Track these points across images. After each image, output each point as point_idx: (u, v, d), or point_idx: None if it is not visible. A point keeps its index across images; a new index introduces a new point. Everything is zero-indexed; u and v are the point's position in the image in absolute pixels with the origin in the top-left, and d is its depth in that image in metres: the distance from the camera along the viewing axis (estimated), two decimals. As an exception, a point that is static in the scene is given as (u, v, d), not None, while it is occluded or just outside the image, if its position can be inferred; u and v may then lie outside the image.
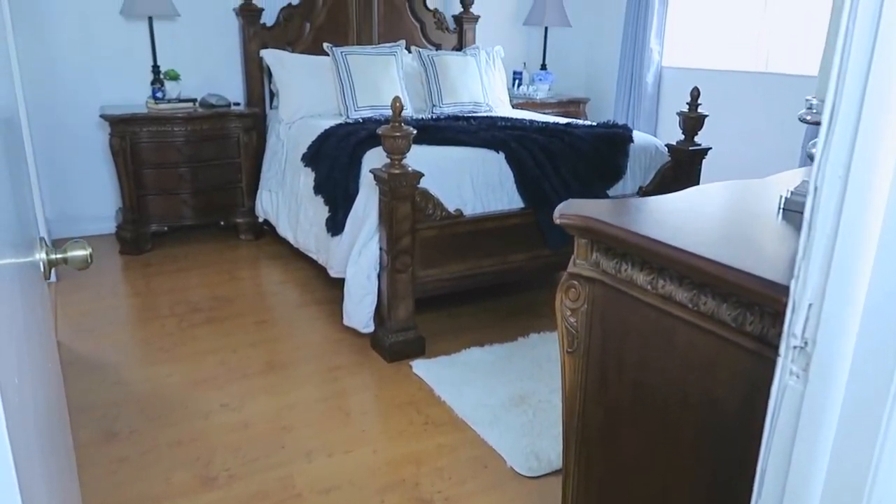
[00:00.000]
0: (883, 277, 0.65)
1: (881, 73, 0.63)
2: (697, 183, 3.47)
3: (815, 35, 4.04)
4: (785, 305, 0.92)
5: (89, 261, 1.06)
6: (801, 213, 1.27)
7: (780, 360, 0.77)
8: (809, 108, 1.25)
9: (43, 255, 1.03)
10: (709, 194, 1.43)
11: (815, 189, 0.72)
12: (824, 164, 0.71)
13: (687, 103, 3.35)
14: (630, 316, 1.19)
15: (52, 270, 1.08)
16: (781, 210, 1.29)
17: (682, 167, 3.39)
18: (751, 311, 0.98)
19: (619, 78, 5.25)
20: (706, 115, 3.34)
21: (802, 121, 1.24)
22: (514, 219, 3.00)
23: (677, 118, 3.41)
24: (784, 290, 0.91)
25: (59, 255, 1.03)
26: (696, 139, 3.39)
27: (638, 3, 4.97)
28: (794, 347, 0.76)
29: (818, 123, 1.23)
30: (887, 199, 0.63)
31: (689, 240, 1.09)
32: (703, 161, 3.45)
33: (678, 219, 1.24)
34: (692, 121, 3.33)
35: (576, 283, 1.28)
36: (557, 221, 1.23)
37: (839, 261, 0.70)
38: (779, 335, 1.02)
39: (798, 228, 1.21)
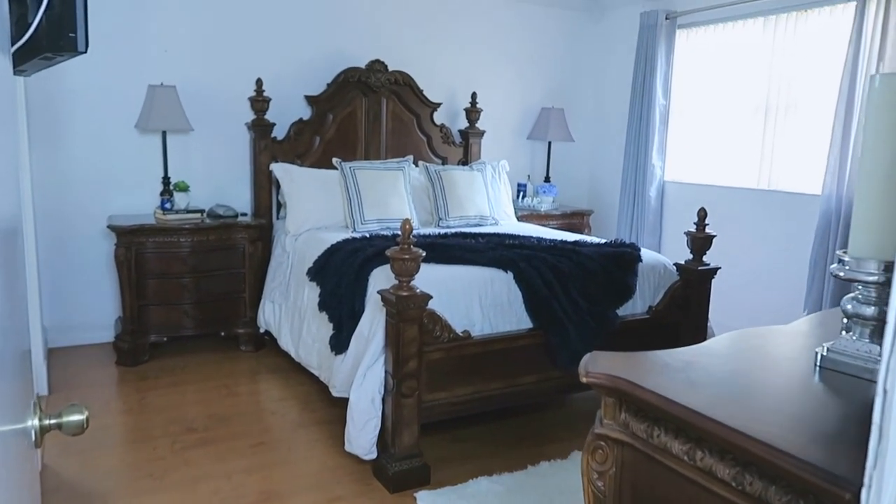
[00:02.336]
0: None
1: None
2: (708, 301, 3.42)
3: (818, 154, 4.11)
4: (846, 501, 0.84)
5: (85, 426, 0.98)
6: (839, 372, 1.21)
7: (853, 580, 0.69)
8: (840, 262, 1.21)
9: (36, 422, 0.95)
10: (737, 346, 1.37)
11: (885, 392, 0.66)
12: (893, 367, 0.65)
13: (694, 223, 3.37)
14: (664, 487, 1.10)
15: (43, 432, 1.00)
16: (818, 368, 1.23)
17: (692, 286, 3.35)
18: (805, 499, 0.90)
19: (622, 191, 5.33)
20: (714, 236, 3.34)
21: (835, 276, 1.19)
22: (523, 339, 2.93)
23: (682, 233, 3.41)
24: (846, 483, 0.83)
25: (52, 421, 0.96)
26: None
27: (639, 120, 5.12)
28: (870, 567, 0.68)
29: (851, 280, 1.20)
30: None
31: (729, 408, 1.02)
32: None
33: (712, 379, 1.17)
34: (700, 241, 3.33)
35: (603, 444, 1.19)
36: (584, 380, 1.17)
37: (917, 474, 0.63)
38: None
39: (839, 393, 1.15)
